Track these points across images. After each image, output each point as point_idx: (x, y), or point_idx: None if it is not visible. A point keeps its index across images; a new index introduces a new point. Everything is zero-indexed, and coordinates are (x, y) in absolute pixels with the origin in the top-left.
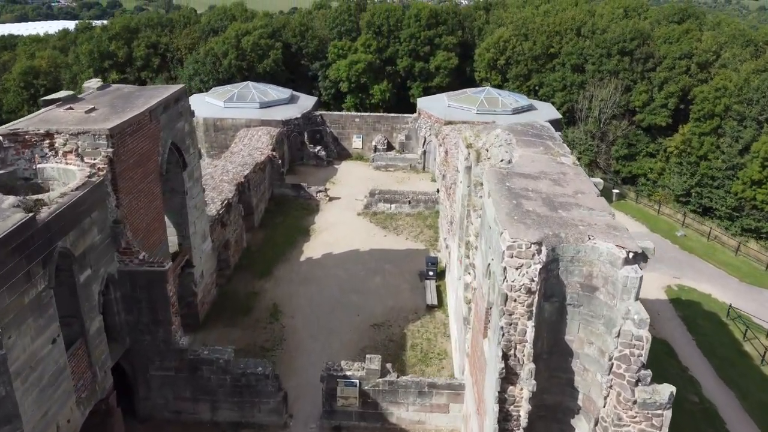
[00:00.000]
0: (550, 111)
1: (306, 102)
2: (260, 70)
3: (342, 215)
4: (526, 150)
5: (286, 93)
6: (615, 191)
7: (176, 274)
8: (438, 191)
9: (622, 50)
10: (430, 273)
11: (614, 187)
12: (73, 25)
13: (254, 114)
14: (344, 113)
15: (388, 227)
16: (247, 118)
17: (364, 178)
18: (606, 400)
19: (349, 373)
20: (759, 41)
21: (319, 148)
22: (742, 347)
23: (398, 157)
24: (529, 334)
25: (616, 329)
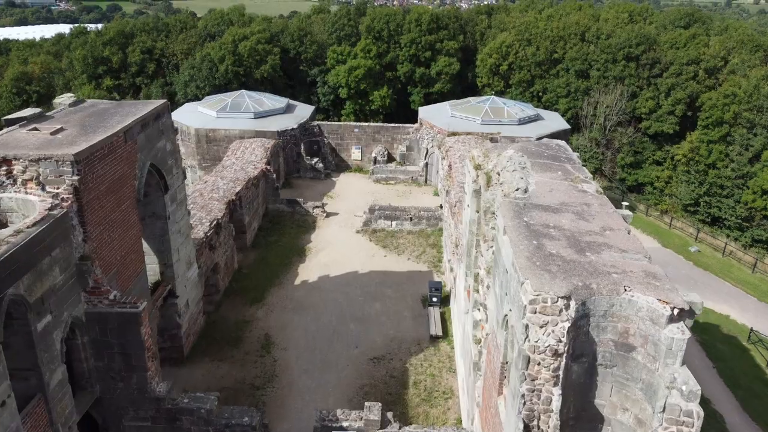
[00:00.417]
0: (557, 121)
1: (303, 111)
2: (258, 76)
3: (340, 233)
4: (543, 175)
5: (282, 102)
6: (624, 204)
7: (157, 306)
8: (441, 207)
9: (627, 56)
10: (434, 299)
11: (623, 199)
12: (68, 30)
13: (248, 124)
14: (343, 123)
15: (389, 246)
16: (240, 128)
17: (363, 191)
18: None
19: (345, 423)
20: None
21: (316, 160)
22: (766, 375)
23: (399, 170)
24: (555, 403)
25: (659, 402)
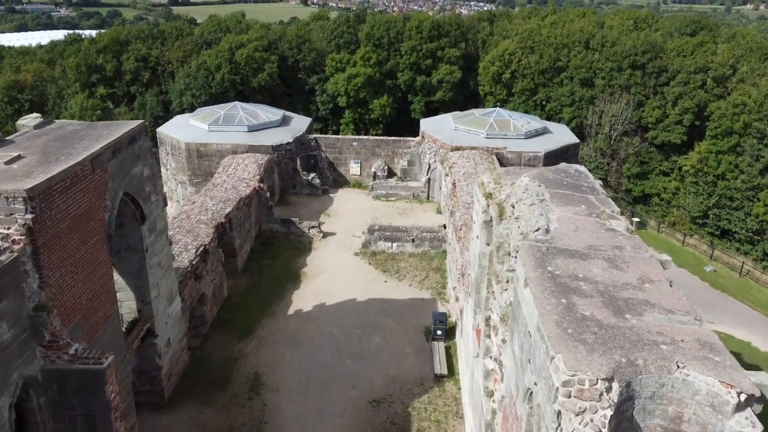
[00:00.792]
0: (565, 134)
1: (299, 124)
2: (255, 85)
3: (337, 255)
4: (564, 210)
5: (277, 114)
6: (635, 220)
7: (134, 348)
8: (444, 227)
9: (633, 64)
10: (438, 332)
11: (633, 215)
12: (62, 37)
13: (242, 138)
14: (341, 137)
15: (389, 270)
16: (233, 143)
17: (362, 209)
18: None
19: None
20: None
21: (313, 175)
22: None
23: (400, 185)
24: None
25: None
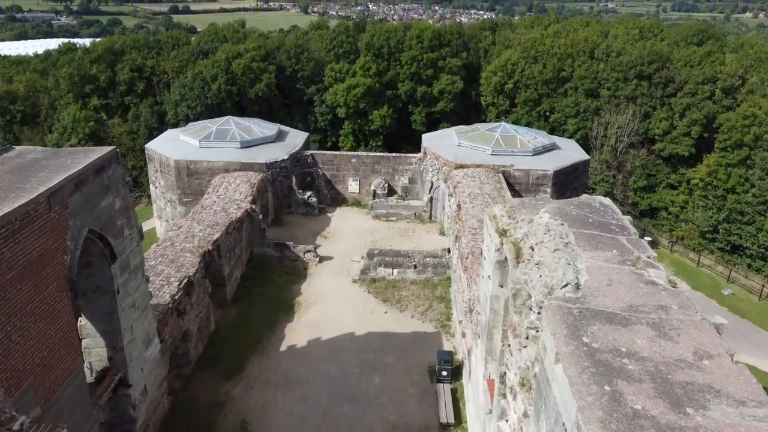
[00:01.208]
0: (574, 150)
1: (295, 139)
2: (252, 95)
3: (334, 283)
4: (593, 256)
5: (272, 130)
6: (646, 239)
7: (104, 402)
8: (448, 251)
9: (639, 74)
10: (444, 373)
11: (644, 234)
12: (56, 46)
13: (234, 155)
14: (338, 153)
15: (390, 300)
16: (225, 160)
17: (361, 229)
18: None
19: None
20: None
21: (309, 194)
22: None
23: (401, 205)
24: None
25: None
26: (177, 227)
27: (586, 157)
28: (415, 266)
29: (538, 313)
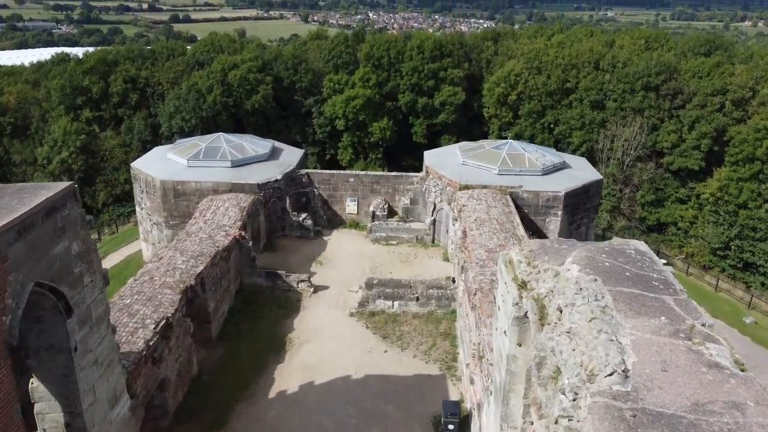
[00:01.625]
0: (585, 169)
1: (290, 157)
2: (248, 107)
3: (330, 317)
4: (638, 325)
5: (265, 147)
6: (661, 261)
7: None
8: (453, 281)
9: (646, 85)
10: (450, 427)
11: (658, 255)
12: (48, 56)
13: (224, 175)
14: (335, 172)
15: (390, 336)
16: (214, 180)
17: (359, 254)
18: None
19: None
20: None
21: (304, 215)
22: None
23: (402, 227)
24: None
25: None
26: (158, 258)
27: (598, 176)
28: (417, 298)
29: (573, 399)
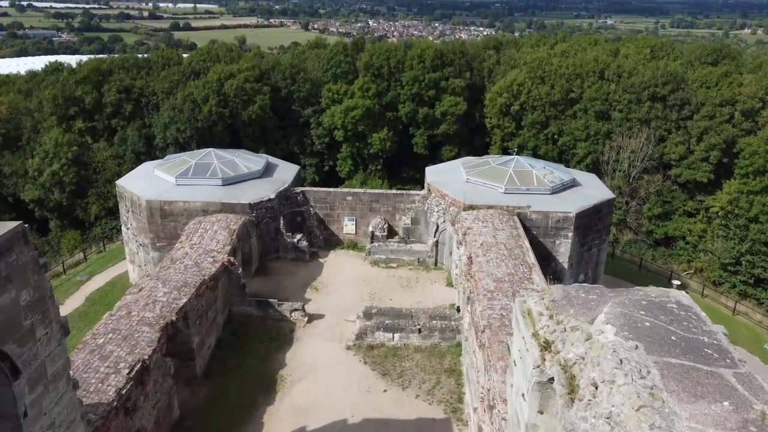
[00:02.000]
0: (595, 186)
1: (284, 174)
2: (245, 118)
3: (325, 351)
4: (698, 416)
5: (258, 164)
6: (675, 283)
7: None
8: (458, 310)
9: (653, 95)
10: None
11: (671, 277)
12: (41, 65)
13: (214, 194)
14: (332, 190)
15: (390, 373)
16: (203, 200)
17: (357, 278)
18: None
19: None
20: None
21: (299, 236)
22: None
23: (402, 249)
24: None
25: None
26: (137, 289)
27: (610, 195)
28: (419, 330)
29: None
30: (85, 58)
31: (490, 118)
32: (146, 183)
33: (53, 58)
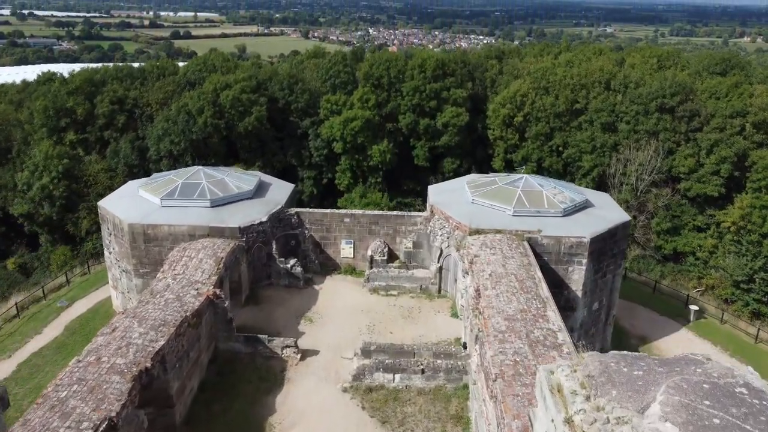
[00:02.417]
0: (609, 206)
1: (278, 194)
2: (241, 129)
3: (319, 394)
4: None
5: (250, 183)
6: (693, 308)
7: None
8: (464, 347)
9: (661, 106)
10: None
11: (688, 301)
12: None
13: (202, 217)
14: (329, 211)
15: (391, 420)
16: (190, 224)
17: (355, 308)
18: None
19: None
20: None
21: (293, 262)
22: None
23: (403, 275)
24: None
25: None
26: (110, 329)
27: (626, 217)
28: (422, 370)
29: None
30: (77, 68)
31: (492, 129)
32: (130, 204)
33: (51, 67)
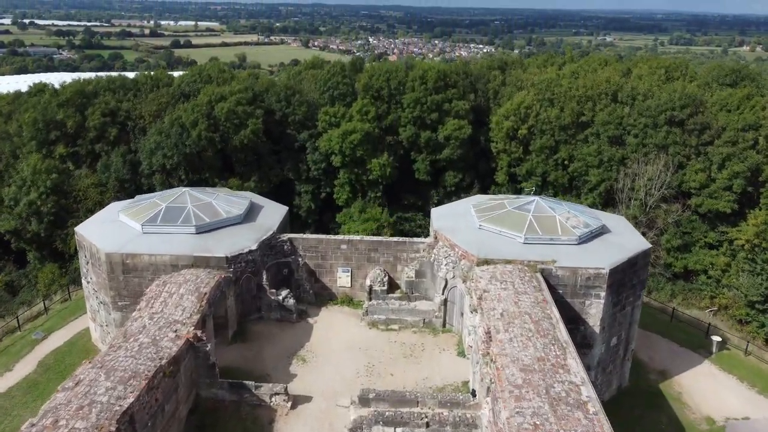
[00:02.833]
0: (626, 232)
1: (270, 218)
2: (237, 143)
3: None
4: None
5: (240, 206)
6: (715, 339)
7: None
8: (474, 394)
9: (670, 119)
10: None
11: (709, 331)
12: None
13: (186, 245)
14: (324, 237)
15: None
16: (173, 253)
17: (352, 345)
18: None
19: None
20: None
21: (286, 293)
22: None
23: (405, 308)
24: None
25: None
26: (73, 382)
27: (646, 245)
28: (427, 424)
29: None
30: (68, 79)
31: (496, 142)
32: (108, 230)
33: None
